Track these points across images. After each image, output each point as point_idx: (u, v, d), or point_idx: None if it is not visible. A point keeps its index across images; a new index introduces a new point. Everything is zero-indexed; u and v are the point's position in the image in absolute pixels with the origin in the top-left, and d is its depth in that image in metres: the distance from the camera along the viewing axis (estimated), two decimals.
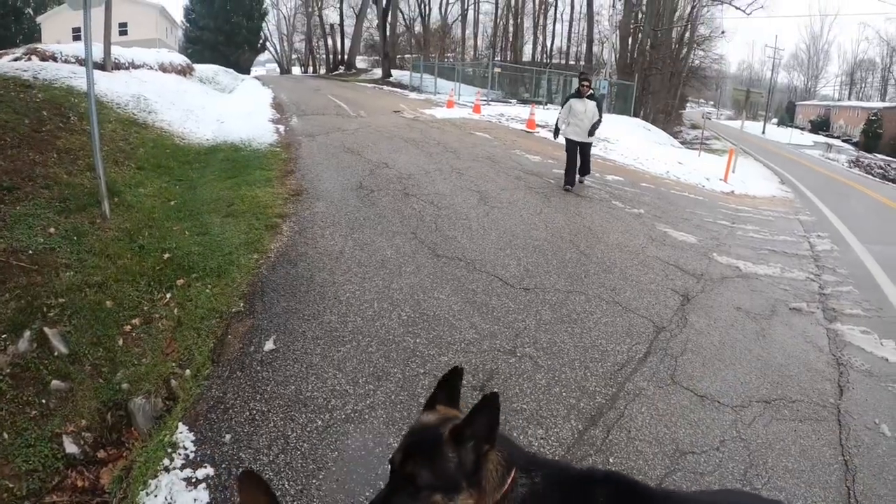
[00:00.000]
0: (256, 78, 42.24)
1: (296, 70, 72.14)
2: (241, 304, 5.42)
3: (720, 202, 14.84)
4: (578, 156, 11.82)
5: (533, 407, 4.28)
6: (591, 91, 11.95)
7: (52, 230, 5.85)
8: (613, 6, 52.83)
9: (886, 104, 68.17)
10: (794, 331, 6.50)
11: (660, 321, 6.05)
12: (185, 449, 3.64)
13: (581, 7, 56.97)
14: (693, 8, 51.16)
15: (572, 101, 11.80)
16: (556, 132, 12.24)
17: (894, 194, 26.34)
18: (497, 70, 38.36)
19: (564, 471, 1.84)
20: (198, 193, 8.61)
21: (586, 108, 11.57)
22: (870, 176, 41.62)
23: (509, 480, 1.67)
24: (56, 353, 4.27)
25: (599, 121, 11.74)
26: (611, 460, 3.82)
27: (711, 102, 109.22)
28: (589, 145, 12.13)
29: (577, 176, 12.00)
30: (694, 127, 55.68)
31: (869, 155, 59.48)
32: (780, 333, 6.34)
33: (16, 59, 14.50)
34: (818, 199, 19.45)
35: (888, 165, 53.07)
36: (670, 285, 7.16)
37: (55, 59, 14.51)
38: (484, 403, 1.61)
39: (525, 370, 4.76)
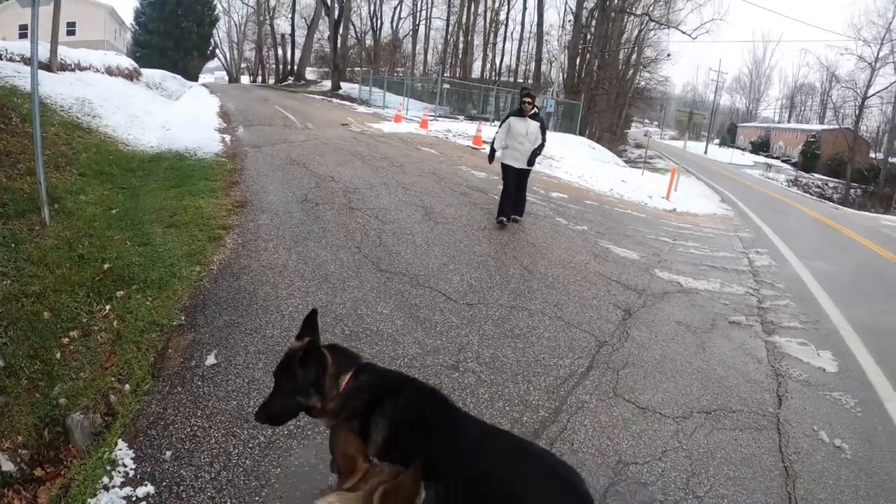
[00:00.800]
0: (204, 85, 41.85)
1: (245, 79, 71.66)
2: (183, 318, 5.31)
3: (662, 219, 15.13)
4: (515, 185, 10.03)
5: None
6: (535, 110, 10.06)
7: None
8: (563, 26, 53.55)
9: (825, 126, 71.06)
10: (733, 343, 6.67)
11: (602, 335, 6.13)
12: (125, 466, 3.54)
13: (531, 26, 57.85)
14: (640, 31, 52.52)
15: (512, 120, 9.89)
16: (492, 155, 10.40)
17: (830, 212, 27.24)
18: (446, 86, 38.69)
19: (387, 375, 2.67)
20: (140, 202, 8.46)
21: (528, 129, 9.72)
22: (808, 195, 43.08)
23: (344, 382, 2.41)
24: None
25: (542, 145, 9.98)
26: None
27: (656, 123, 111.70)
28: (528, 173, 10.24)
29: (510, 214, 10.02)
30: (638, 146, 56.86)
31: (807, 175, 61.67)
32: (720, 346, 6.51)
33: None
34: (758, 217, 20.04)
35: (825, 184, 55.07)
36: (612, 300, 7.27)
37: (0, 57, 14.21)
38: (306, 322, 2.46)
39: (468, 384, 4.77)
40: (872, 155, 64.50)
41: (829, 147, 65.69)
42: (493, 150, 10.26)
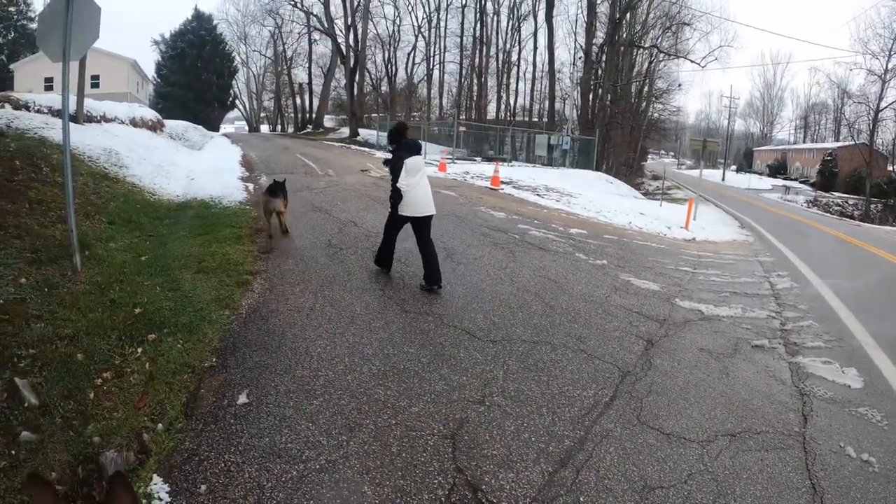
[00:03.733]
0: (225, 135, 42.56)
1: (264, 128, 72.71)
2: (214, 359, 5.44)
3: (682, 249, 15.14)
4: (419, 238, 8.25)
5: (503, 453, 4.35)
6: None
7: (23, 280, 5.89)
8: (574, 64, 54.24)
9: (840, 144, 70.77)
10: (756, 367, 6.70)
11: (625, 366, 6.18)
12: (161, 500, 3.65)
13: (543, 66, 58.36)
14: (651, 63, 52.80)
15: (413, 160, 7.87)
16: (397, 200, 7.98)
17: (851, 230, 27.04)
18: (462, 129, 38.95)
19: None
20: (168, 249, 8.67)
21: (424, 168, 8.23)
22: (828, 214, 42.77)
23: None
24: (26, 404, 4.25)
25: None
26: (581, 499, 3.90)
27: (672, 153, 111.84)
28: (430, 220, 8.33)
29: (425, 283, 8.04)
30: (655, 178, 56.98)
31: (826, 194, 61.29)
32: (744, 370, 6.54)
33: None
34: (777, 240, 19.95)
35: (845, 202, 54.61)
36: (634, 331, 7.31)
37: (28, 109, 14.66)
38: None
39: (494, 418, 4.83)
40: (890, 168, 64.26)
41: (847, 164, 65.48)
42: (398, 196, 7.94)
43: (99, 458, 4.05)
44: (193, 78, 57.72)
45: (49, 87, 41.05)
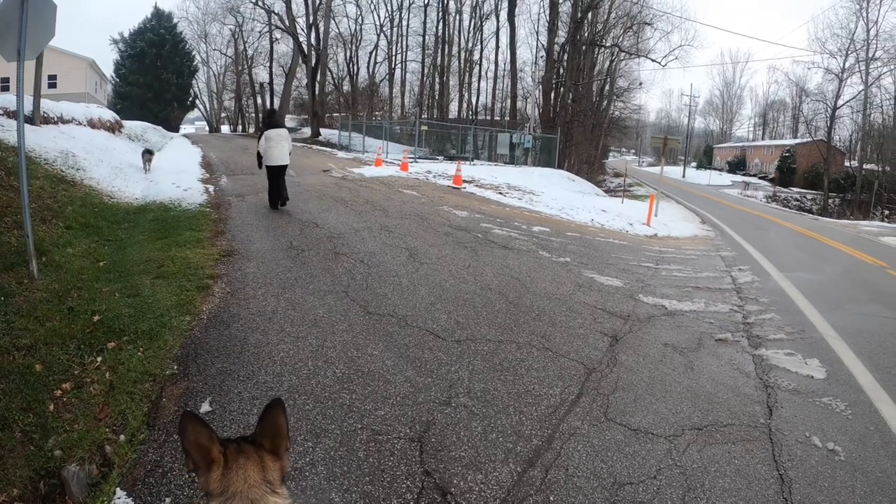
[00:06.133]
0: (185, 136, 42.15)
1: (225, 128, 72.00)
2: (175, 367, 5.33)
3: (644, 245, 15.30)
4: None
5: (471, 454, 4.32)
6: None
7: None
8: (536, 63, 54.44)
9: (798, 140, 72.45)
10: (721, 360, 6.76)
11: (590, 363, 6.19)
12: None
13: (505, 65, 58.69)
14: (612, 62, 53.41)
15: (271, 132, 12.73)
16: (259, 158, 12.93)
17: (810, 223, 27.58)
18: (424, 128, 38.90)
19: None
20: (127, 254, 8.52)
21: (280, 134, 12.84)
22: (787, 209, 43.61)
23: None
24: None
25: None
26: (551, 498, 3.89)
27: (633, 151, 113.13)
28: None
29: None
30: (617, 175, 57.64)
31: (785, 189, 62.58)
32: (708, 364, 6.59)
33: None
34: (738, 235, 20.33)
35: (803, 197, 55.84)
36: (599, 328, 7.34)
37: None
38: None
39: (461, 419, 4.81)
40: (847, 164, 65.73)
41: (805, 160, 66.89)
42: (259, 156, 12.88)
43: (61, 472, 3.96)
44: (153, 77, 57.06)
45: (4, 88, 40.16)
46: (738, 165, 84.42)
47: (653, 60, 49.84)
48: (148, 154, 17.75)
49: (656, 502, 3.97)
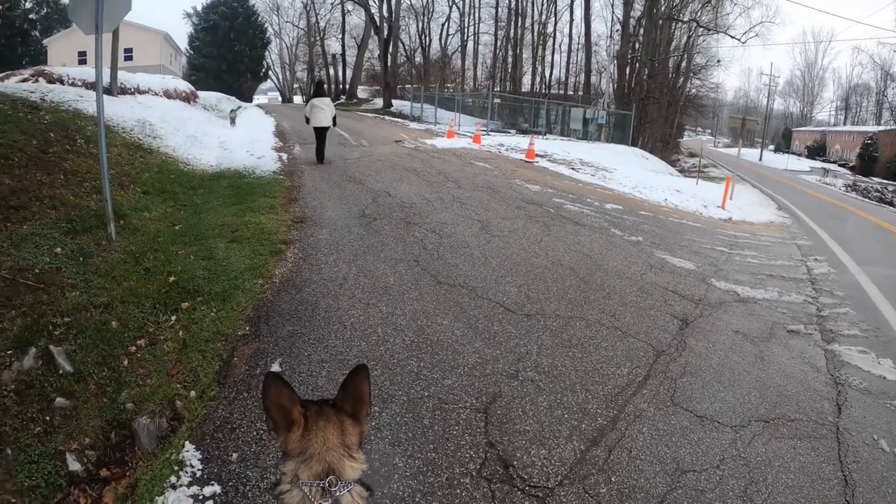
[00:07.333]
0: (259, 106, 42.55)
1: (297, 99, 72.50)
2: (247, 328, 5.47)
3: (718, 229, 14.93)
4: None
5: (535, 428, 4.32)
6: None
7: (58, 250, 5.95)
8: (611, 37, 53.53)
9: (882, 127, 68.95)
10: (791, 352, 6.55)
11: (659, 345, 6.10)
12: (192, 467, 3.69)
13: (579, 38, 57.73)
14: (689, 38, 51.88)
15: (315, 100, 15.12)
16: (307, 121, 15.31)
17: (890, 217, 26.50)
18: (496, 100, 38.64)
19: None
20: (202, 219, 8.73)
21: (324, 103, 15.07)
22: (866, 199, 41.82)
23: None
24: (61, 371, 4.32)
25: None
26: (612, 479, 3.86)
27: (709, 130, 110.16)
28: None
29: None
30: (692, 155, 56.21)
31: (865, 178, 59.95)
32: (779, 355, 6.40)
33: (23, 81, 14.88)
34: (815, 224, 19.60)
35: (885, 188, 53.42)
36: (669, 310, 7.21)
37: (62, 82, 14.84)
38: None
39: (527, 393, 4.80)
40: None
41: (888, 148, 63.81)
42: (307, 118, 15.32)
43: (132, 423, 4.10)
44: (226, 49, 57.74)
45: (83, 61, 41.55)
46: (817, 151, 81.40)
47: (732, 37, 48.45)
48: (234, 112, 21.94)
49: (718, 492, 3.91)
